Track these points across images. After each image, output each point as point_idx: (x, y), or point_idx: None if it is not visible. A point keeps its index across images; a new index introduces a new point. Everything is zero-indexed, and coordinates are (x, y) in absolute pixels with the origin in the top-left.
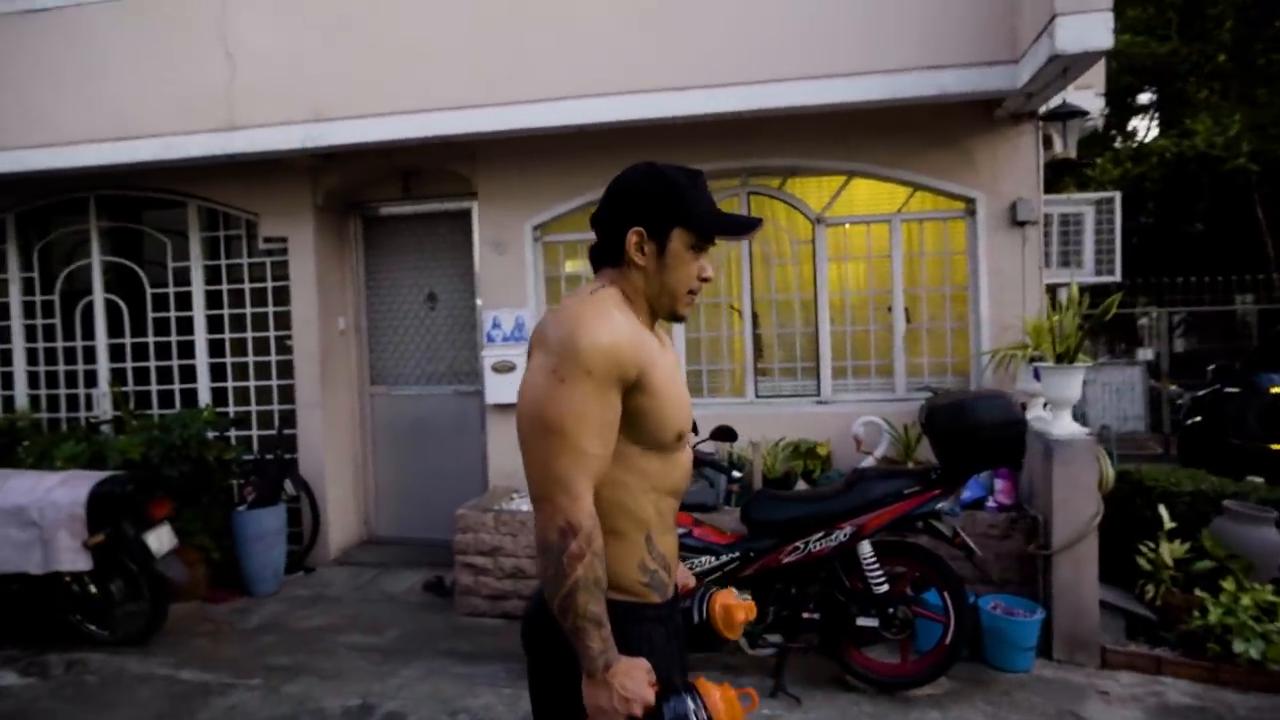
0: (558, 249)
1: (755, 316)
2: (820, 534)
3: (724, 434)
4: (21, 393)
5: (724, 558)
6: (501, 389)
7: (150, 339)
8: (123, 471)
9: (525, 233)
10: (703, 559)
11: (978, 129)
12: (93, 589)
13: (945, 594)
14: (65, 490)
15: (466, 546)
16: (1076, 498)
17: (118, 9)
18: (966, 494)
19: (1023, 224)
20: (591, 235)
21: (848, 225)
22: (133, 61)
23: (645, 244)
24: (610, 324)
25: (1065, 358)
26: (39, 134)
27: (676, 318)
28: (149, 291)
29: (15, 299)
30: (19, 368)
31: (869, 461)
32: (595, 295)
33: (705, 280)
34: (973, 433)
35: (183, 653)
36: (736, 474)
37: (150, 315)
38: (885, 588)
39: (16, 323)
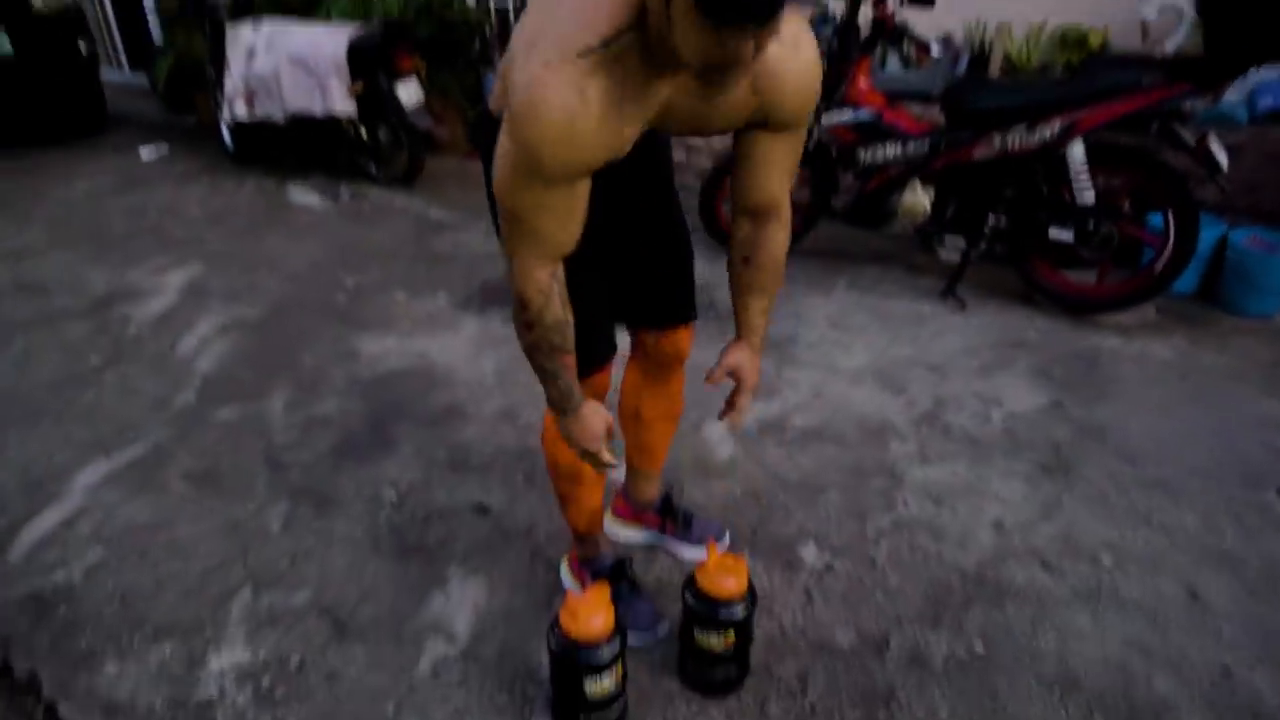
0: None
1: None
2: (1024, 128)
3: None
4: None
5: (911, 146)
6: None
7: None
8: (373, 25)
9: None
10: (889, 148)
11: None
12: (364, 134)
13: (1170, 213)
14: (330, 41)
15: None
16: None
17: None
18: (1269, 101)
19: None
20: None
21: None
22: None
23: None
24: (578, 127)
25: None
26: None
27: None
28: None
29: None
30: None
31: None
32: (587, 59)
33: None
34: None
35: (435, 196)
36: (935, 50)
37: None
38: (1091, 199)
39: None
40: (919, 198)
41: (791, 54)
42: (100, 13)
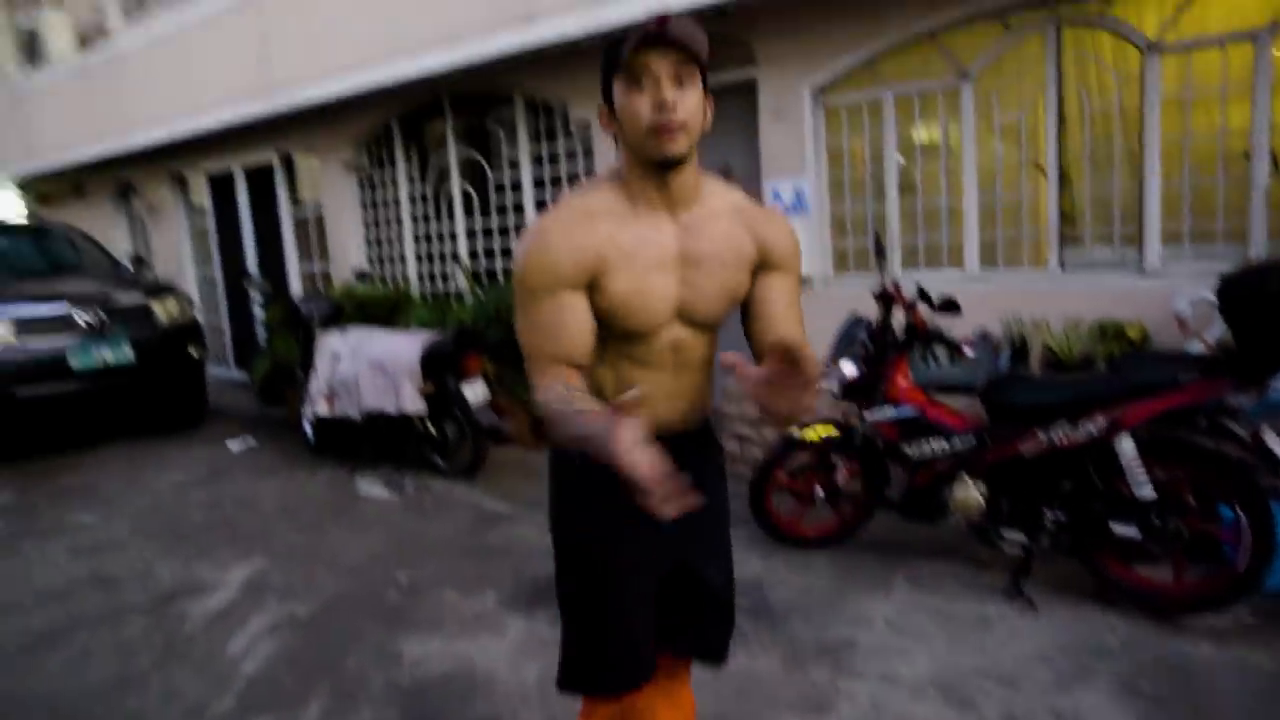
0: (840, 112)
1: (1063, 176)
2: (1066, 423)
3: (948, 306)
4: (412, 269)
5: (956, 441)
6: None
7: (494, 222)
8: (446, 332)
9: (804, 96)
10: (934, 443)
11: None
12: (432, 430)
13: (1239, 508)
14: (407, 347)
15: (732, 416)
16: None
17: None
18: None
19: None
20: (874, 93)
21: (1193, 51)
22: None
23: (607, 116)
24: (547, 238)
25: None
26: (399, 45)
27: (665, 162)
28: (491, 180)
29: (404, 190)
30: (409, 249)
31: (1196, 348)
32: (565, 200)
33: (663, 106)
34: None
35: (495, 487)
36: (969, 352)
37: (493, 201)
38: (1150, 494)
39: (405, 211)
40: (971, 493)
41: (767, 210)
42: (219, 321)
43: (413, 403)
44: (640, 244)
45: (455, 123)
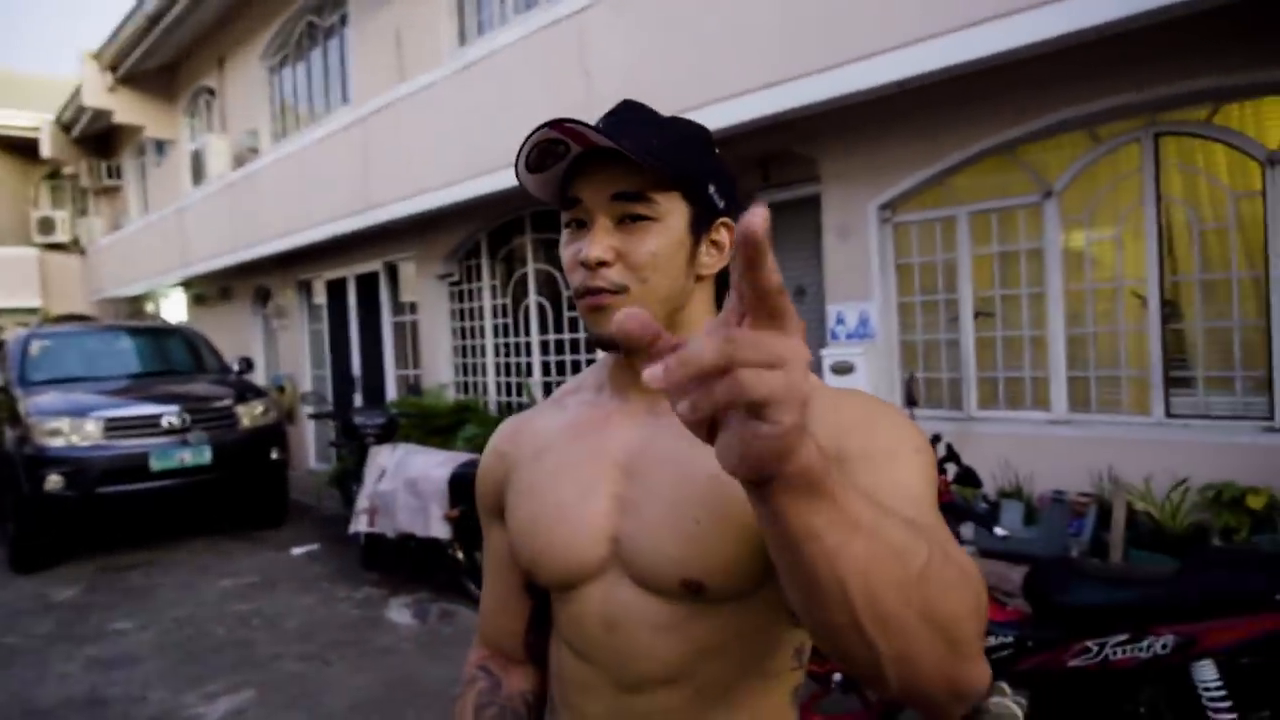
0: (909, 230)
1: (1169, 305)
2: (1124, 637)
3: (964, 479)
4: (491, 380)
5: (993, 640)
6: None
7: (566, 335)
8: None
9: (869, 214)
10: None
11: None
12: (461, 556)
13: None
14: (439, 469)
15: None
16: None
17: (521, 49)
18: None
19: None
20: (947, 210)
21: None
22: (531, 93)
23: None
24: (490, 444)
25: None
26: (482, 165)
27: (601, 344)
28: (564, 294)
29: (487, 301)
30: (489, 359)
31: None
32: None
33: (584, 265)
34: None
35: None
36: (1000, 531)
37: (566, 315)
38: None
39: (488, 322)
40: (1011, 708)
41: (830, 390)
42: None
43: (437, 527)
44: (559, 442)
45: (535, 237)
